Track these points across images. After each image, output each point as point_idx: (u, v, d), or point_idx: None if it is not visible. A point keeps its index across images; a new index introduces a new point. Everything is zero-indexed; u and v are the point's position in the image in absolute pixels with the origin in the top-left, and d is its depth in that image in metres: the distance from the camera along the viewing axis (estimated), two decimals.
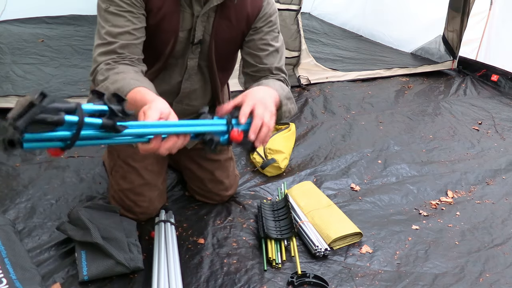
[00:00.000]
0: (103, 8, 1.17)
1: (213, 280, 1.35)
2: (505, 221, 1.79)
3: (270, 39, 1.36)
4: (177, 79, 1.40)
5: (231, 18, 1.30)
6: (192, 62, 1.37)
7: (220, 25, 1.30)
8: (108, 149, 1.63)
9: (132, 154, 1.47)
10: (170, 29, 1.26)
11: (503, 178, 2.13)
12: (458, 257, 1.56)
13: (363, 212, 1.77)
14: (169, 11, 1.24)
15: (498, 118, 2.89)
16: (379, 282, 1.40)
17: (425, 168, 2.15)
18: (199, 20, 1.27)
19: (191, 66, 1.37)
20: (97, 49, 1.16)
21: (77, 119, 0.70)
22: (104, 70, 1.12)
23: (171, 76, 1.39)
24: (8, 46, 3.07)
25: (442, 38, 3.75)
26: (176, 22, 1.26)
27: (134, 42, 1.18)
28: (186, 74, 1.39)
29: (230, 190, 1.71)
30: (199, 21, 1.27)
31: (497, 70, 3.56)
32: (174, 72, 1.38)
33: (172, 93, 1.42)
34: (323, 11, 5.16)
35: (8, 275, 1.17)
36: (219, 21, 1.29)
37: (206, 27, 1.29)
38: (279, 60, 1.38)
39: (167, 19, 1.24)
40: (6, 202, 1.58)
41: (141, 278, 1.31)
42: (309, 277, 1.36)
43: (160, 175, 1.56)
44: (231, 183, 1.70)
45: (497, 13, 3.53)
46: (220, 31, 1.31)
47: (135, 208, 1.50)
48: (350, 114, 2.75)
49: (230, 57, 1.47)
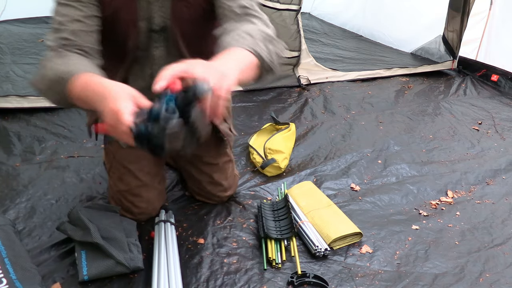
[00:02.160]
0: (55, 2, 1.14)
1: (213, 280, 1.35)
2: (505, 221, 1.79)
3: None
4: (148, 72, 1.33)
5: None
6: (159, 51, 1.30)
7: (178, 7, 1.23)
8: (105, 150, 1.59)
9: (126, 155, 1.46)
10: (128, 19, 1.21)
11: (503, 178, 2.13)
12: (458, 257, 1.56)
13: (363, 212, 1.77)
14: (123, 1, 1.19)
15: (498, 118, 2.89)
16: (379, 282, 1.40)
17: (425, 168, 2.15)
18: (154, 5, 1.21)
19: (159, 56, 1.30)
20: (47, 38, 1.10)
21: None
22: (51, 56, 1.06)
23: (143, 70, 1.33)
24: (8, 46, 3.07)
25: (442, 38, 3.74)
26: (133, 11, 1.21)
27: (85, 29, 1.12)
28: (155, 66, 1.31)
29: (229, 191, 1.70)
30: (155, 7, 1.22)
31: (497, 70, 3.56)
32: (144, 66, 1.32)
33: (149, 88, 1.33)
34: (323, 11, 5.16)
35: (8, 275, 1.17)
36: (175, 3, 1.23)
37: (165, 12, 1.23)
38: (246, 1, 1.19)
39: (123, 10, 1.20)
40: (6, 202, 1.58)
41: (141, 278, 1.31)
42: (309, 277, 1.36)
43: (157, 176, 1.55)
44: (230, 184, 1.69)
45: (497, 13, 3.52)
46: (179, 13, 1.24)
47: (133, 209, 1.50)
48: (350, 114, 2.75)
49: (202, 38, 1.34)
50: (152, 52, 1.29)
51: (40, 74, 1.01)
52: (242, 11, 1.15)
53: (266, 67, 1.02)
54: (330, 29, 4.72)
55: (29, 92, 2.29)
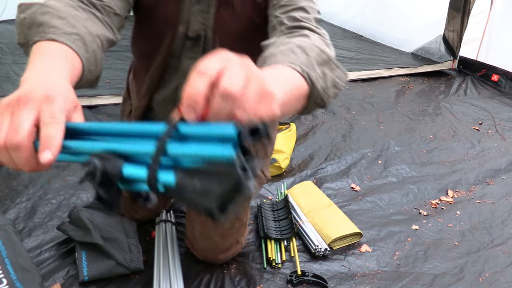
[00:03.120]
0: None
1: (214, 280, 1.35)
2: (505, 221, 1.79)
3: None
4: (174, 84, 1.13)
5: (234, 4, 1.01)
6: (190, 63, 1.08)
7: (222, 16, 1.02)
8: None
9: None
10: (168, 17, 1.02)
11: (503, 178, 2.13)
12: (458, 257, 1.56)
13: (363, 212, 1.77)
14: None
15: (499, 118, 2.89)
16: (378, 281, 1.40)
17: (425, 169, 2.15)
18: (196, 8, 1.01)
19: (187, 68, 1.08)
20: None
21: None
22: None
23: (169, 80, 1.14)
24: (8, 46, 3.08)
25: (443, 38, 3.74)
26: (174, 10, 1.02)
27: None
28: (182, 78, 1.10)
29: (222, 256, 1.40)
30: (196, 10, 1.01)
31: (498, 70, 3.56)
32: (172, 75, 1.13)
33: (171, 101, 1.15)
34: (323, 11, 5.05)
35: (9, 275, 1.17)
36: (220, 10, 1.01)
37: (206, 19, 1.03)
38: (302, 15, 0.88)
39: (163, 5, 1.01)
40: (6, 202, 1.58)
41: (141, 279, 1.31)
42: (308, 276, 1.36)
43: None
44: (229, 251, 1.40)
45: (498, 13, 3.52)
46: (223, 24, 1.03)
47: (134, 215, 1.48)
48: (350, 114, 2.75)
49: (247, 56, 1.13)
50: (182, 62, 1.09)
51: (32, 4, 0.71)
52: (295, 23, 0.86)
53: (318, 99, 0.68)
54: (330, 29, 4.72)
55: None
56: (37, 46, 0.62)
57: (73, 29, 0.67)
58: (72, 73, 0.59)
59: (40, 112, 0.44)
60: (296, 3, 0.89)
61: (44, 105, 0.44)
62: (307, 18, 0.87)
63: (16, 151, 0.43)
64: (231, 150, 0.39)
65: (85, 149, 0.46)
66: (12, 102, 0.45)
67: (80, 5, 0.76)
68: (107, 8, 0.81)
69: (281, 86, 0.58)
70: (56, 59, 0.59)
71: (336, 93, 0.74)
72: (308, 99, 0.66)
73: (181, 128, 0.42)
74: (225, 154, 0.39)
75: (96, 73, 0.71)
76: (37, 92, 0.45)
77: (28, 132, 0.43)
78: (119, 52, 2.97)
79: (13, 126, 0.43)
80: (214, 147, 0.39)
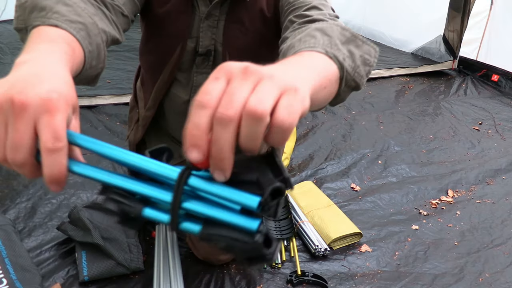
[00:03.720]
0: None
1: (214, 280, 1.35)
2: (505, 221, 1.79)
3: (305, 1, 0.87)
4: (183, 98, 1.12)
5: (243, 19, 1.01)
6: (200, 78, 1.08)
7: (232, 31, 1.03)
8: None
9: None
10: (176, 33, 1.02)
11: (503, 178, 2.13)
12: (458, 257, 1.56)
13: (363, 212, 1.77)
14: (175, 9, 1.00)
15: (499, 118, 2.89)
16: (378, 281, 1.40)
17: (425, 169, 2.15)
18: (205, 24, 1.01)
19: (200, 83, 1.00)
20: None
21: None
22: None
23: (179, 95, 1.13)
24: (8, 46, 3.07)
25: (443, 38, 3.74)
26: (184, 25, 1.01)
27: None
28: (193, 94, 1.10)
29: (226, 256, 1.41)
30: (205, 25, 1.01)
31: (498, 70, 3.56)
32: (181, 90, 1.12)
33: (180, 113, 1.16)
34: None
35: (9, 275, 1.17)
36: (229, 25, 1.02)
37: (217, 34, 1.03)
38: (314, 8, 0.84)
39: (173, 20, 1.01)
40: (6, 202, 1.58)
41: (141, 279, 1.31)
42: (308, 276, 1.36)
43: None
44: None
45: (498, 13, 3.52)
46: (233, 39, 1.03)
47: None
48: (350, 114, 2.75)
49: None
50: (193, 77, 1.09)
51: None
52: (307, 18, 0.81)
53: (349, 80, 0.61)
54: None
55: None
56: (36, 30, 0.56)
57: (79, 17, 0.61)
58: (72, 64, 0.52)
59: (40, 126, 0.37)
60: (308, 3, 0.86)
61: (44, 117, 0.37)
62: (321, 14, 0.82)
63: (19, 167, 0.40)
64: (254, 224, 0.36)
65: (95, 178, 0.42)
66: (5, 105, 0.37)
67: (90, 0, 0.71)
68: (116, 8, 0.78)
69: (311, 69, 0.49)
70: (57, 45, 0.51)
71: (368, 70, 0.67)
72: (339, 83, 0.58)
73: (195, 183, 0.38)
74: (247, 226, 0.36)
75: (97, 70, 0.65)
76: (34, 93, 0.37)
77: (30, 150, 0.38)
78: (119, 52, 2.97)
79: (13, 143, 0.38)
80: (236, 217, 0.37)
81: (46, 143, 0.37)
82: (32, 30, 0.56)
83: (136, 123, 1.30)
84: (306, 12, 0.82)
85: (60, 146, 0.37)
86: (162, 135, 1.28)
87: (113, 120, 2.29)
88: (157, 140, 1.29)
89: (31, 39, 0.53)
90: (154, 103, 1.16)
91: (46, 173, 0.38)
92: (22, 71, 0.43)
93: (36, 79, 0.40)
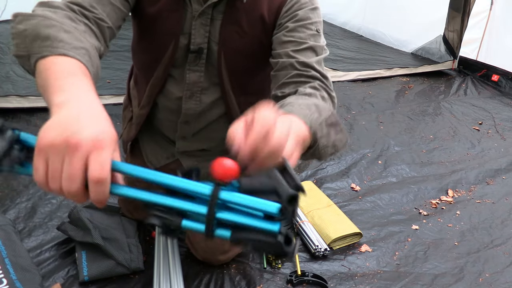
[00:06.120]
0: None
1: (213, 280, 1.35)
2: (505, 221, 1.79)
3: (302, 36, 0.96)
4: (176, 94, 1.12)
5: (241, 22, 1.02)
6: (193, 76, 1.08)
7: (229, 32, 1.03)
8: None
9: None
10: (168, 30, 1.03)
11: (503, 178, 2.13)
12: (458, 257, 1.56)
13: (363, 212, 1.77)
14: (166, 8, 1.01)
15: (499, 118, 2.89)
16: (378, 281, 1.40)
17: (425, 169, 2.15)
18: (197, 21, 1.01)
19: (193, 81, 1.09)
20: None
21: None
22: (58, 9, 0.75)
23: (170, 90, 1.13)
24: (8, 46, 3.07)
25: (443, 38, 3.74)
26: (175, 22, 1.02)
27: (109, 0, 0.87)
28: (187, 91, 1.10)
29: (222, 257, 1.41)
30: (197, 23, 1.02)
31: (498, 70, 3.56)
32: (174, 86, 1.12)
33: (173, 111, 1.16)
34: (323, 11, 5.05)
35: (9, 275, 1.17)
36: (226, 26, 1.02)
37: (212, 33, 1.03)
38: (311, 57, 0.95)
39: (164, 18, 1.02)
40: (6, 202, 1.59)
41: (141, 279, 1.31)
42: (308, 276, 1.36)
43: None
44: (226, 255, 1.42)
45: (498, 13, 3.53)
46: (229, 39, 1.03)
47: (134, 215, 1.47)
48: (350, 114, 2.75)
49: (250, 75, 1.11)
50: (185, 75, 1.09)
51: (31, 15, 0.72)
52: (305, 70, 0.92)
53: (315, 153, 0.71)
54: (330, 29, 4.72)
55: (30, 92, 2.29)
56: (49, 61, 0.62)
57: (80, 43, 0.67)
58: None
59: (89, 161, 0.46)
60: (305, 41, 0.95)
61: (94, 154, 0.46)
62: (317, 62, 0.94)
63: (73, 196, 0.47)
64: (276, 227, 0.45)
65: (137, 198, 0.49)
66: (61, 145, 0.46)
67: (76, 16, 0.77)
68: (100, 22, 0.83)
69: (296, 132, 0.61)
70: (81, 80, 0.59)
71: (333, 153, 0.78)
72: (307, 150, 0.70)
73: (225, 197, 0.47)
74: (270, 229, 0.46)
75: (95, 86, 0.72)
76: (86, 134, 0.46)
77: (82, 181, 0.46)
78: (119, 52, 2.97)
79: (69, 176, 0.46)
80: (261, 222, 0.46)
81: (95, 173, 0.45)
82: (42, 61, 0.62)
83: (130, 121, 1.30)
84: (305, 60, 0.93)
85: (105, 177, 0.46)
86: (155, 133, 1.28)
87: (113, 120, 2.26)
88: (150, 139, 1.29)
89: (51, 73, 0.59)
90: (149, 100, 1.15)
91: (93, 198, 0.47)
92: (67, 112, 0.50)
93: (85, 121, 0.48)
